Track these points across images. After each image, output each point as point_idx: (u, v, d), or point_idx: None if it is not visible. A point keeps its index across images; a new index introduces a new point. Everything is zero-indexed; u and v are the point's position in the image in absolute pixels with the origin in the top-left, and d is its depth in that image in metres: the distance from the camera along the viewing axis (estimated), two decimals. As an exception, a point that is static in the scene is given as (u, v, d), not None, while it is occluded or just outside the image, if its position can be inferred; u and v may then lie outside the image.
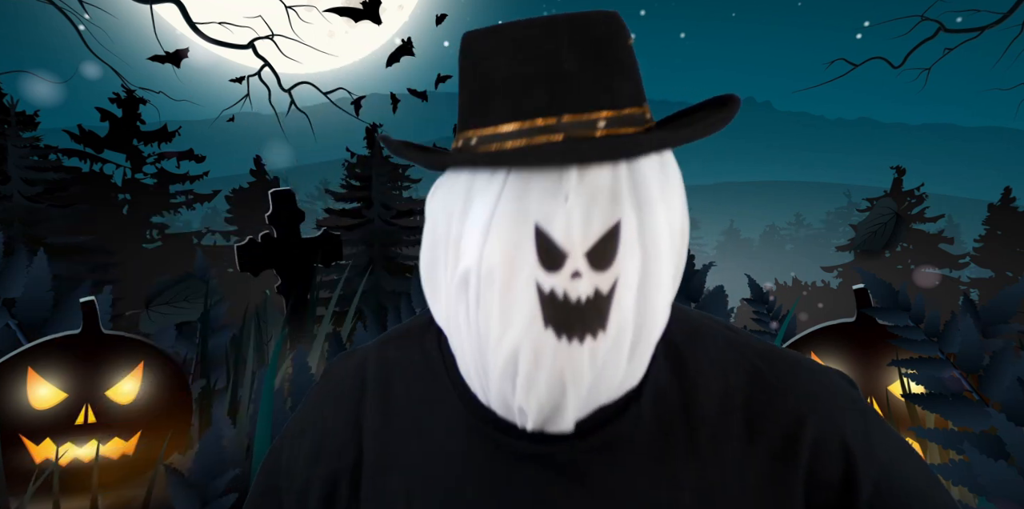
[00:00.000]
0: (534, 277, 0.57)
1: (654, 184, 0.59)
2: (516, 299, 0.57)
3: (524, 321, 0.57)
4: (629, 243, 0.57)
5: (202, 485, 2.05)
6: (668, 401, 0.65)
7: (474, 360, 0.62)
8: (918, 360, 2.34)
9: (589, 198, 0.56)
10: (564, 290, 0.56)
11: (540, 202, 0.57)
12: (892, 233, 4.04)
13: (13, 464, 2.45)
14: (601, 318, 0.57)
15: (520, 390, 0.58)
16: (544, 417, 0.59)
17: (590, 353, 0.57)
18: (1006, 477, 1.72)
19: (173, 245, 9.90)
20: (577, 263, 0.56)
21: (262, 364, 3.33)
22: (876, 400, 2.61)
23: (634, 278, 0.57)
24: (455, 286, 0.61)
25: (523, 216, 0.57)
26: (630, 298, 0.57)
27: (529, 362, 0.57)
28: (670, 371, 0.66)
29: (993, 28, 9.07)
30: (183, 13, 8.50)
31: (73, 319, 2.84)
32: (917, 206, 12.47)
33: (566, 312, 0.56)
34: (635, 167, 0.58)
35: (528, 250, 0.57)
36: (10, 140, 6.30)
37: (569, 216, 0.56)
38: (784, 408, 0.64)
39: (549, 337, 0.56)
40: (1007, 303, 2.45)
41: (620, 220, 0.57)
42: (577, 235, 0.56)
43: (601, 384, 0.60)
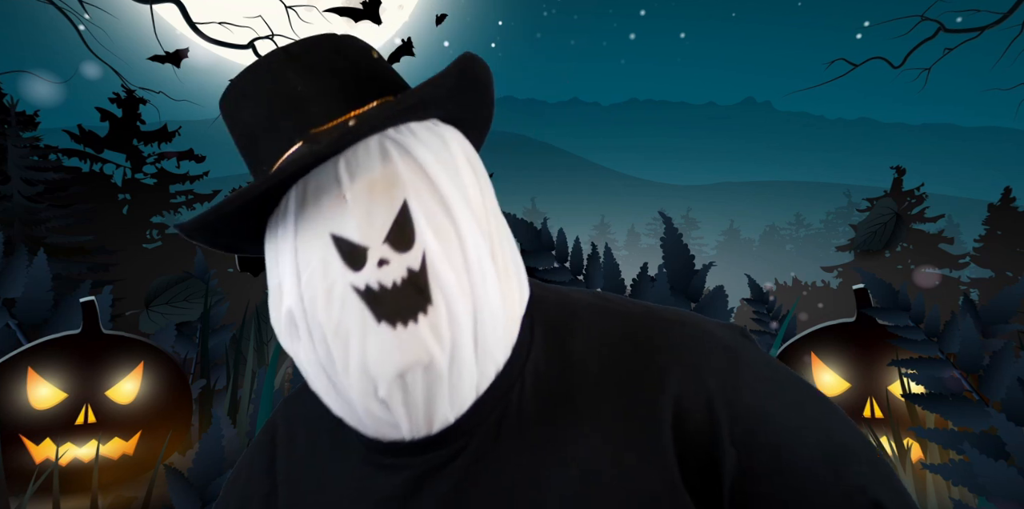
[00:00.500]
0: (347, 282, 0.57)
1: (430, 160, 0.60)
2: (341, 311, 0.57)
3: (359, 326, 0.57)
4: (423, 218, 0.58)
5: (202, 485, 2.05)
6: (549, 380, 0.63)
7: (339, 396, 0.61)
8: (918, 360, 2.34)
9: (366, 190, 0.58)
10: (377, 281, 0.57)
11: (326, 212, 0.59)
12: (892, 233, 4.04)
13: (13, 464, 2.45)
14: (423, 293, 0.57)
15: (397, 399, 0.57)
16: (421, 417, 0.59)
17: (431, 328, 0.56)
18: (1006, 477, 1.72)
19: (173, 245, 9.90)
20: (380, 252, 0.57)
21: (262, 364, 3.33)
22: (876, 400, 2.61)
23: (440, 248, 0.58)
24: (285, 332, 0.62)
25: (319, 232, 0.59)
26: (445, 268, 0.57)
27: (382, 363, 0.56)
28: (552, 351, 0.64)
29: (993, 28, 9.07)
30: (183, 13, 8.50)
31: (73, 319, 2.84)
32: (917, 206, 12.47)
33: (388, 300, 0.57)
34: (404, 149, 0.60)
35: (333, 261, 0.58)
36: (10, 140, 6.30)
37: (355, 214, 0.58)
38: (653, 367, 0.61)
39: (385, 331, 0.56)
40: (1007, 303, 2.45)
41: (405, 200, 0.58)
42: (367, 229, 0.57)
43: (460, 362, 0.58)
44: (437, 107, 0.63)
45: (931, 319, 2.46)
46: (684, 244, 2.75)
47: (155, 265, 8.65)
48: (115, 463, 2.60)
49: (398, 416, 0.59)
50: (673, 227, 2.75)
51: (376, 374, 0.57)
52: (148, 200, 9.89)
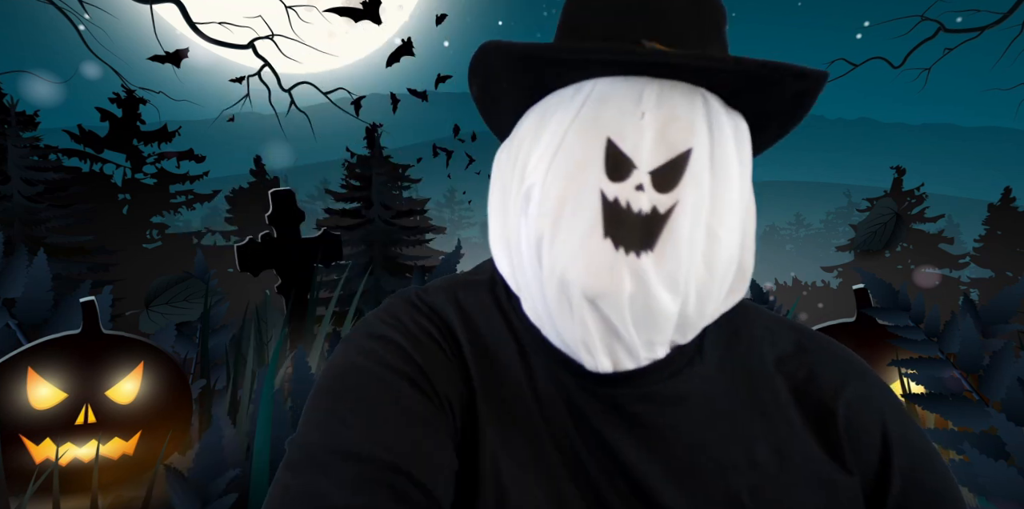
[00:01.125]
0: (599, 186, 0.57)
1: (728, 132, 0.60)
2: (578, 206, 0.57)
3: (584, 229, 0.56)
4: (695, 172, 0.57)
5: (202, 485, 2.05)
6: (729, 362, 0.67)
7: (538, 289, 0.60)
8: (918, 360, 2.34)
9: (665, 119, 0.57)
10: (627, 199, 0.56)
11: (616, 117, 0.57)
12: (892, 233, 4.04)
13: (13, 464, 2.45)
14: (651, 236, 0.56)
15: (576, 317, 0.57)
16: (607, 351, 0.58)
17: (640, 270, 0.55)
18: (1006, 477, 1.72)
19: (173, 245, 9.91)
20: (642, 177, 0.56)
21: (262, 364, 3.33)
22: (876, 400, 2.62)
23: (691, 207, 0.57)
24: (518, 205, 0.61)
25: (597, 129, 0.58)
26: (685, 225, 0.56)
27: (583, 278, 0.55)
28: (727, 335, 0.69)
29: (993, 28, 9.07)
30: (183, 13, 8.50)
31: (73, 319, 2.84)
32: (917, 206, 12.47)
33: (624, 224, 0.56)
34: (712, 109, 0.59)
35: (597, 161, 0.57)
36: (10, 140, 6.30)
37: (642, 132, 0.57)
38: (825, 376, 0.67)
39: (607, 247, 0.55)
40: (1007, 303, 2.45)
41: (691, 148, 0.57)
42: (647, 150, 0.57)
43: (656, 314, 0.57)
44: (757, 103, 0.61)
45: (931, 319, 2.46)
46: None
47: (155, 265, 8.66)
48: (115, 463, 2.60)
49: (584, 345, 0.58)
50: (673, 227, 2.76)
51: (573, 287, 0.56)
52: (148, 200, 9.90)
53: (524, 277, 0.62)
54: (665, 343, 0.60)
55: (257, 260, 3.95)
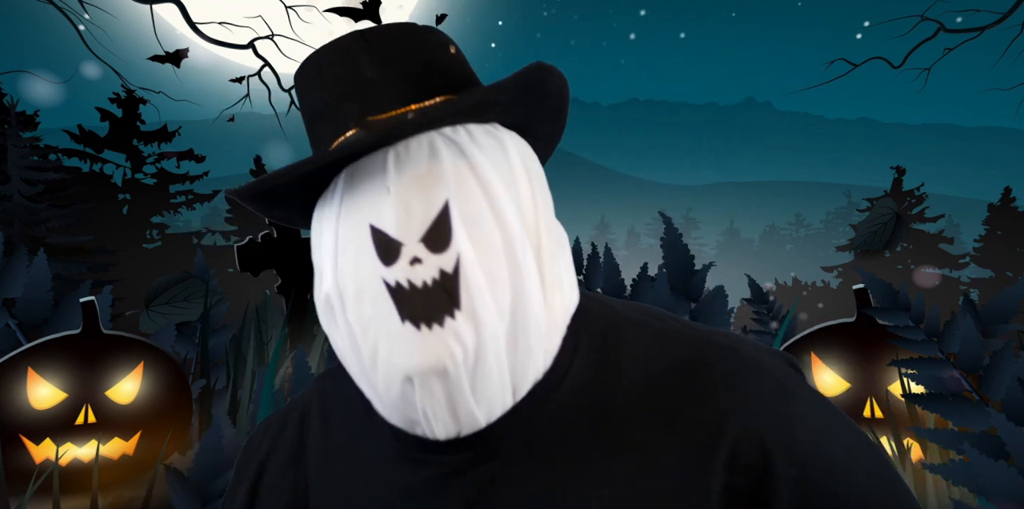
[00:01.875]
0: (379, 275, 0.57)
1: (483, 162, 0.59)
2: (371, 305, 0.57)
3: (384, 322, 0.57)
4: (464, 221, 0.57)
5: (202, 485, 2.05)
6: (589, 395, 0.62)
7: (368, 385, 0.61)
8: (918, 360, 2.34)
9: (409, 185, 0.58)
10: (407, 278, 0.56)
11: (369, 202, 0.59)
12: (892, 233, 4.04)
13: (13, 464, 2.45)
14: (451, 297, 0.56)
15: (412, 396, 0.57)
16: (449, 418, 0.58)
17: (454, 334, 0.55)
18: (1006, 477, 1.72)
19: (173, 245, 9.91)
20: (414, 250, 0.57)
21: (262, 364, 3.33)
22: (876, 400, 2.61)
23: (477, 254, 0.57)
24: (324, 315, 0.62)
25: (359, 221, 0.59)
26: (479, 275, 0.56)
27: (403, 364, 0.56)
28: (594, 365, 0.63)
29: (993, 28, 9.07)
30: (183, 13, 8.50)
31: (73, 319, 2.84)
32: (917, 206, 12.48)
33: (415, 300, 0.56)
34: (458, 149, 0.59)
35: (368, 252, 0.58)
36: (10, 140, 6.30)
37: (394, 207, 0.57)
38: (705, 401, 0.60)
39: (409, 331, 0.56)
40: (1007, 303, 2.45)
41: (447, 201, 0.57)
42: (405, 224, 0.57)
43: (490, 372, 0.57)
44: (498, 111, 0.62)
45: (931, 319, 2.45)
46: (684, 244, 2.75)
47: (155, 265, 8.65)
48: (115, 463, 2.60)
49: (421, 415, 0.59)
50: (673, 227, 2.75)
51: (398, 372, 0.57)
52: (148, 200, 9.90)
53: (355, 377, 0.63)
54: (504, 399, 0.59)
55: (257, 260, 3.95)
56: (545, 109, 0.65)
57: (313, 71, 0.65)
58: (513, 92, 0.60)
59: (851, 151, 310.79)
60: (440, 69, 0.64)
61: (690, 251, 2.75)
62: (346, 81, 0.63)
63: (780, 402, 0.60)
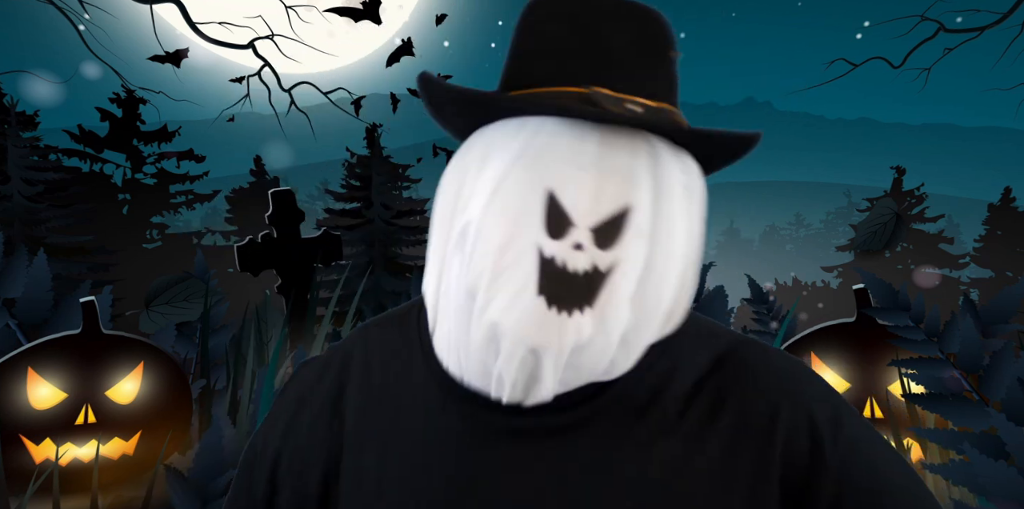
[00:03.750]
0: (536, 242, 0.56)
1: (676, 183, 0.59)
2: (514, 261, 0.56)
3: (517, 285, 0.56)
4: (637, 230, 0.57)
5: (202, 485, 2.05)
6: (645, 381, 0.64)
7: (457, 324, 0.60)
8: (918, 360, 2.34)
9: (606, 174, 0.56)
10: (564, 259, 0.56)
11: (557, 167, 0.57)
12: (892, 233, 4.04)
13: (13, 464, 2.45)
14: (591, 293, 0.56)
15: (501, 357, 0.57)
16: (520, 388, 0.58)
17: (575, 327, 0.56)
18: (1006, 477, 1.72)
19: (173, 245, 9.90)
20: (581, 235, 0.56)
21: (262, 364, 3.32)
22: (876, 400, 2.61)
23: (635, 266, 0.57)
24: (453, 240, 0.60)
25: (537, 178, 0.57)
26: (627, 285, 0.57)
27: (514, 329, 0.56)
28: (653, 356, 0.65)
29: (993, 28, 9.07)
30: (183, 13, 8.49)
31: (73, 319, 2.84)
32: (917, 206, 12.47)
33: (561, 282, 0.56)
34: (658, 160, 0.59)
35: (536, 213, 0.56)
36: (10, 140, 6.30)
37: (582, 187, 0.56)
38: (757, 390, 0.63)
39: (540, 306, 0.55)
40: (1007, 303, 2.45)
41: (631, 205, 0.57)
42: (586, 207, 0.56)
43: (583, 363, 0.58)
44: (699, 149, 0.62)
45: (931, 319, 2.45)
46: (684, 244, 2.74)
47: (155, 265, 8.65)
48: (115, 463, 2.60)
49: (504, 375, 0.58)
50: (673, 227, 2.75)
51: (503, 335, 0.56)
52: (148, 200, 9.89)
53: (447, 316, 0.62)
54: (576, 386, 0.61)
55: (257, 260, 3.95)
56: (728, 162, 0.67)
57: (563, 9, 0.63)
58: (726, 144, 0.61)
59: (851, 151, 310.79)
60: (666, 73, 0.64)
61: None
62: (592, 39, 0.61)
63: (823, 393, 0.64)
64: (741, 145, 0.62)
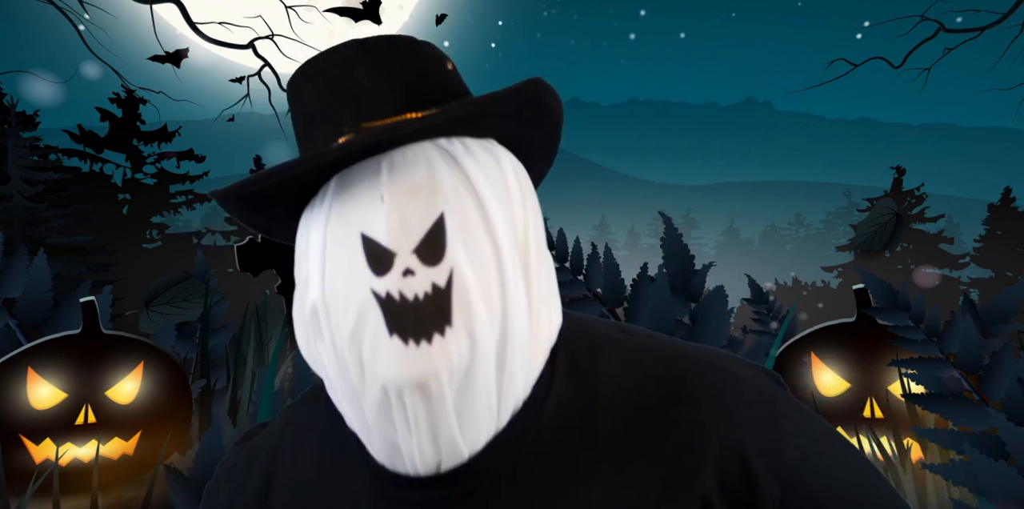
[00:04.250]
0: (368, 286, 0.55)
1: (478, 176, 0.58)
2: (359, 315, 0.55)
3: (372, 335, 0.55)
4: (459, 234, 0.56)
5: (202, 485, 2.05)
6: (569, 421, 0.60)
7: (351, 405, 0.59)
8: (918, 360, 2.34)
9: (405, 195, 0.56)
10: (398, 290, 0.55)
11: (360, 210, 0.57)
12: (892, 233, 4.04)
13: (13, 464, 2.45)
14: (443, 313, 0.54)
15: (397, 418, 0.56)
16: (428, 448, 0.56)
17: (442, 352, 0.54)
18: (1006, 477, 1.72)
19: (173, 245, 9.91)
20: (407, 261, 0.55)
21: (262, 364, 3.33)
22: (876, 400, 2.61)
23: (471, 269, 0.55)
24: (309, 327, 0.60)
25: (348, 229, 0.57)
26: (473, 290, 0.55)
27: (387, 379, 0.54)
28: (574, 388, 0.62)
29: (993, 28, 9.07)
30: (183, 13, 8.49)
31: (73, 319, 2.84)
32: (917, 206, 12.47)
33: (405, 313, 0.54)
34: (453, 160, 0.58)
35: (359, 262, 0.56)
36: (10, 140, 6.30)
37: (388, 216, 0.56)
38: (684, 420, 0.59)
39: (396, 346, 0.54)
40: (1007, 303, 2.45)
41: (442, 213, 0.56)
42: (399, 233, 0.55)
43: (474, 390, 0.56)
44: (494, 125, 0.61)
45: (931, 319, 2.45)
46: (684, 244, 2.75)
47: (155, 265, 8.65)
48: (115, 463, 2.60)
49: (401, 440, 0.57)
50: (673, 227, 2.75)
51: (380, 384, 0.55)
52: (148, 200, 9.90)
53: (335, 395, 0.61)
54: (489, 427, 0.58)
55: (257, 260, 3.95)
56: (541, 124, 0.64)
57: (308, 76, 0.64)
58: (510, 105, 0.59)
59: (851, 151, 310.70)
60: (437, 82, 0.63)
61: (690, 251, 2.75)
62: (342, 87, 0.62)
63: (763, 419, 0.59)
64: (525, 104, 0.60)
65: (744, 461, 0.57)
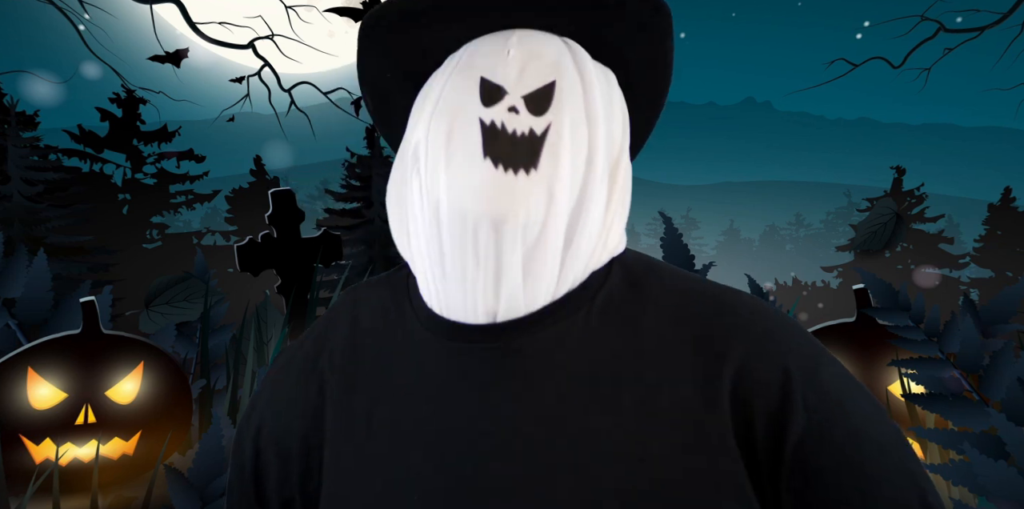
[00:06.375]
0: (476, 113, 0.60)
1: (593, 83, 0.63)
2: (460, 138, 0.60)
3: (467, 155, 0.59)
4: (563, 99, 0.61)
5: (202, 485, 2.05)
6: (619, 310, 0.64)
7: (427, 238, 0.61)
8: (918, 360, 2.34)
9: (529, 56, 0.62)
10: (502, 121, 0.59)
11: (485, 59, 0.63)
12: (892, 233, 4.04)
13: (13, 464, 2.45)
14: (534, 155, 0.59)
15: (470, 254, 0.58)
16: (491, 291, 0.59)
17: (525, 187, 0.57)
18: (1006, 477, 1.72)
19: (173, 245, 9.91)
20: (515, 100, 0.60)
21: (262, 364, 3.33)
22: (876, 400, 2.62)
23: (567, 129, 0.60)
24: (408, 166, 0.64)
25: (470, 72, 0.62)
26: (565, 148, 0.59)
27: (473, 200, 0.57)
28: (626, 287, 0.66)
29: (993, 28, 9.07)
30: (183, 13, 8.49)
31: (73, 319, 2.84)
32: (917, 206, 12.48)
33: (503, 143, 0.59)
34: (576, 55, 0.64)
35: (473, 95, 0.61)
36: (10, 140, 6.30)
37: (510, 65, 0.61)
38: (726, 324, 0.62)
39: (487, 167, 0.58)
40: (1007, 303, 2.45)
41: (556, 79, 0.61)
42: (515, 78, 0.61)
43: (543, 243, 0.59)
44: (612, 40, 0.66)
45: (931, 319, 2.45)
46: (684, 244, 2.75)
47: (155, 265, 8.65)
48: (115, 463, 2.60)
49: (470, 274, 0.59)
50: (673, 227, 2.76)
51: (463, 215, 0.58)
52: (148, 200, 9.90)
53: (419, 240, 0.63)
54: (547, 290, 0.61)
55: (257, 260, 3.95)
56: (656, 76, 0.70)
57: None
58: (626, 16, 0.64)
59: (851, 151, 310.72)
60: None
61: (690, 251, 2.75)
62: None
63: (809, 350, 0.62)
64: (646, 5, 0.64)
65: (785, 372, 0.59)
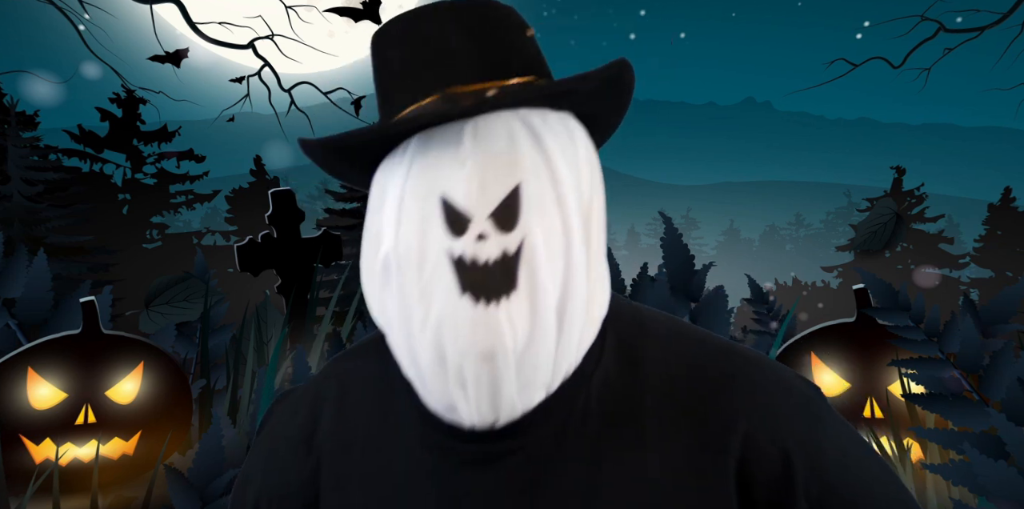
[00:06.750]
0: (444, 246, 0.58)
1: (555, 150, 0.60)
2: (432, 273, 0.58)
3: (443, 293, 0.57)
4: (532, 205, 0.58)
5: (202, 485, 2.05)
6: (616, 391, 0.63)
7: (411, 357, 0.61)
8: (918, 360, 2.34)
9: (486, 163, 0.58)
10: (472, 253, 0.57)
11: (441, 172, 0.59)
12: (892, 233, 4.03)
13: (13, 464, 2.45)
14: (510, 278, 0.57)
15: (453, 379, 0.58)
16: (486, 406, 0.59)
17: (507, 315, 0.56)
18: (1006, 477, 1.72)
19: (173, 245, 9.91)
20: (481, 226, 0.58)
21: (262, 364, 3.32)
22: (876, 400, 2.61)
23: (541, 238, 0.58)
24: (378, 275, 0.62)
25: (427, 188, 0.59)
26: (540, 258, 0.58)
27: (454, 338, 0.57)
28: (621, 363, 0.65)
29: (993, 28, 9.06)
30: (183, 13, 8.49)
31: (73, 319, 2.84)
32: (917, 206, 12.48)
33: (477, 275, 0.57)
34: (534, 134, 0.60)
35: (436, 222, 0.59)
36: (10, 140, 6.30)
37: (468, 181, 0.58)
38: (727, 402, 0.62)
39: (466, 304, 0.57)
40: (1007, 303, 2.45)
41: (520, 183, 0.58)
42: (476, 198, 0.58)
43: (535, 356, 0.58)
44: (578, 102, 0.63)
45: (931, 319, 2.45)
46: (684, 244, 2.75)
47: (155, 265, 8.65)
48: (115, 463, 2.60)
49: (460, 398, 0.59)
50: (673, 227, 2.75)
51: (448, 349, 0.57)
52: (148, 200, 9.91)
53: (397, 344, 0.63)
54: (544, 386, 0.61)
55: (257, 260, 3.95)
56: (617, 100, 0.66)
57: (397, 32, 0.65)
58: (597, 85, 0.61)
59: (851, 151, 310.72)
60: (520, 50, 0.65)
61: (690, 251, 2.75)
62: (431, 47, 0.63)
63: (808, 420, 0.63)
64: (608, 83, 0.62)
65: (786, 455, 0.60)
